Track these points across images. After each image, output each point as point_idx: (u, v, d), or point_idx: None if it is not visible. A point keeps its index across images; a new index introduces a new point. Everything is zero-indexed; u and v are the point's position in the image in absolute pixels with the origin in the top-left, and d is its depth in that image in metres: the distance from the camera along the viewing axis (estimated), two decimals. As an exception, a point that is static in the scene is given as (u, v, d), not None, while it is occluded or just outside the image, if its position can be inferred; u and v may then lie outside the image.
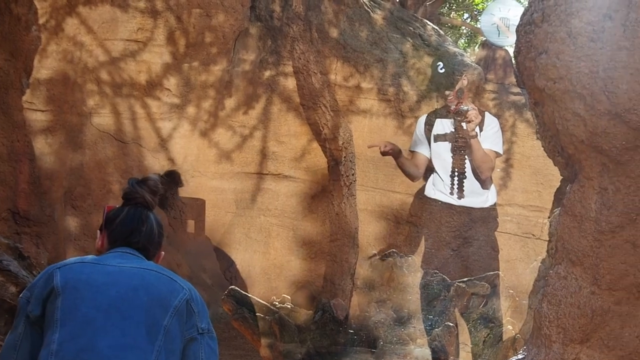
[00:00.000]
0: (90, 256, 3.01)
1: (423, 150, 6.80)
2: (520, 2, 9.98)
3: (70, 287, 2.82)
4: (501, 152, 6.75)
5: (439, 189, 6.68)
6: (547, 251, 4.45)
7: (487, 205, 6.67)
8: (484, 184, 6.64)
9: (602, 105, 3.26)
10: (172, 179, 7.60)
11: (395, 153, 6.71)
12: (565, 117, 3.45)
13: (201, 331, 2.96)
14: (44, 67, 6.98)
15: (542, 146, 4.02)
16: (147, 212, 3.11)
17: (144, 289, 2.87)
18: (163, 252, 3.25)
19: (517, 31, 3.83)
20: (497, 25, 8.59)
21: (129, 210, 3.09)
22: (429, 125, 6.78)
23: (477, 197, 6.64)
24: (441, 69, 6.92)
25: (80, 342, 2.75)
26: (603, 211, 3.42)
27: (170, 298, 2.89)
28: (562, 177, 4.31)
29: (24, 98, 6.54)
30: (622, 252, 3.38)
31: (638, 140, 3.24)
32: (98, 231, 3.16)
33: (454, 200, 6.60)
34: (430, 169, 6.82)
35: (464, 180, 6.56)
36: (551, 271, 3.74)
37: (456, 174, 6.58)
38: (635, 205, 3.33)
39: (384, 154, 6.70)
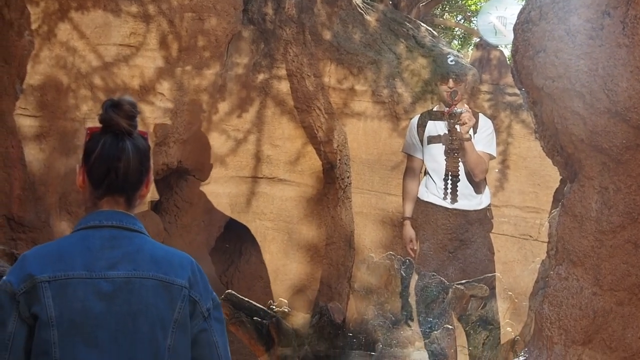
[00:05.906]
0: (68, 240, 2.72)
1: (417, 154, 6.74)
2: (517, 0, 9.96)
3: (67, 319, 2.55)
4: (495, 154, 6.70)
5: (432, 192, 6.62)
6: (547, 252, 4.42)
7: (480, 207, 6.62)
8: (477, 187, 6.57)
9: (601, 103, 3.24)
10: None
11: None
12: (565, 116, 3.43)
13: (207, 315, 2.71)
14: (37, 73, 6.92)
15: (541, 146, 4.00)
16: (123, 144, 2.78)
17: (143, 315, 2.62)
18: (152, 178, 2.91)
19: (514, 30, 3.80)
20: (494, 24, 8.56)
21: (105, 141, 2.76)
22: (422, 127, 6.72)
23: (470, 200, 6.57)
24: (451, 61, 6.84)
25: None
26: (604, 211, 3.39)
27: (170, 313, 2.66)
28: (561, 177, 4.29)
29: (17, 104, 6.50)
30: (624, 252, 3.36)
31: (638, 139, 3.22)
32: (77, 165, 2.85)
33: (447, 203, 6.54)
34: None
35: (458, 184, 6.50)
36: (552, 272, 3.72)
37: (450, 177, 6.51)
38: (637, 204, 3.31)
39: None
